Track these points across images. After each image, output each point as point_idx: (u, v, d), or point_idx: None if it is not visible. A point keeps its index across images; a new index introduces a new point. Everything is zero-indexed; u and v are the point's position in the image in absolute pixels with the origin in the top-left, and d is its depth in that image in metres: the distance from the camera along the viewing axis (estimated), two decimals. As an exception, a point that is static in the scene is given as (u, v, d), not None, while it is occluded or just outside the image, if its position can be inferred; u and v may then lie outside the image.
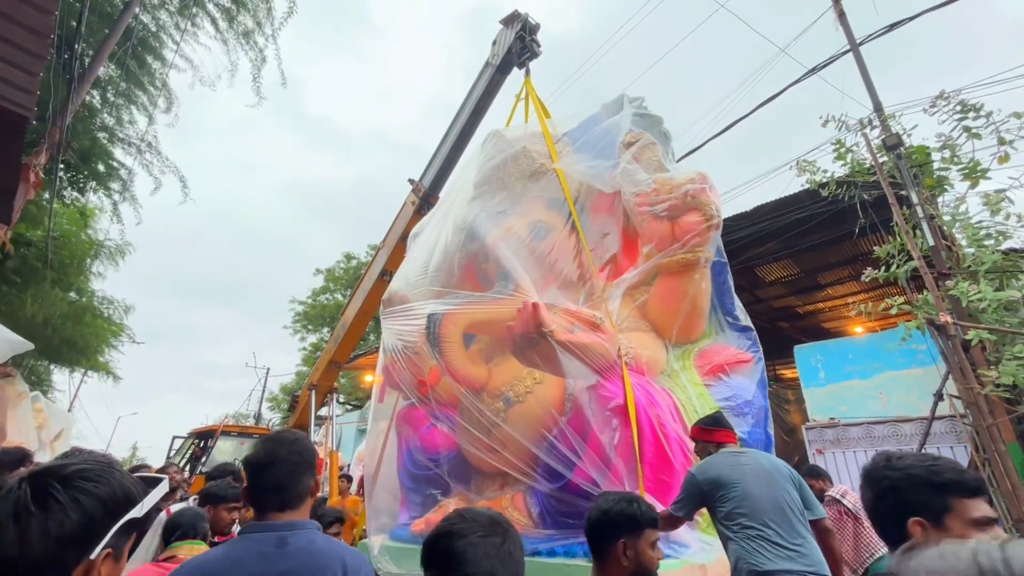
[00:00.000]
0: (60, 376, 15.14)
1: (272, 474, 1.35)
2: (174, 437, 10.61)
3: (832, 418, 7.60)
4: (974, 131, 5.79)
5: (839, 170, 6.76)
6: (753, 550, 2.09)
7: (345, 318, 7.43)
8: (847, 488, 3.94)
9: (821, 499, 3.95)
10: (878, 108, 6.59)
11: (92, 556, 0.72)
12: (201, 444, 9.86)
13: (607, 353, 2.97)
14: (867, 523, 3.75)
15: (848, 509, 3.77)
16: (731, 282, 3.97)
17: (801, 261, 9.25)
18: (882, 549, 3.70)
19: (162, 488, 0.89)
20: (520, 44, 5.55)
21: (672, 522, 2.41)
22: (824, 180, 6.78)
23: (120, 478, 0.80)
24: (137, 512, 0.79)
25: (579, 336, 2.96)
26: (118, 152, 8.81)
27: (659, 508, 2.60)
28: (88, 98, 7.64)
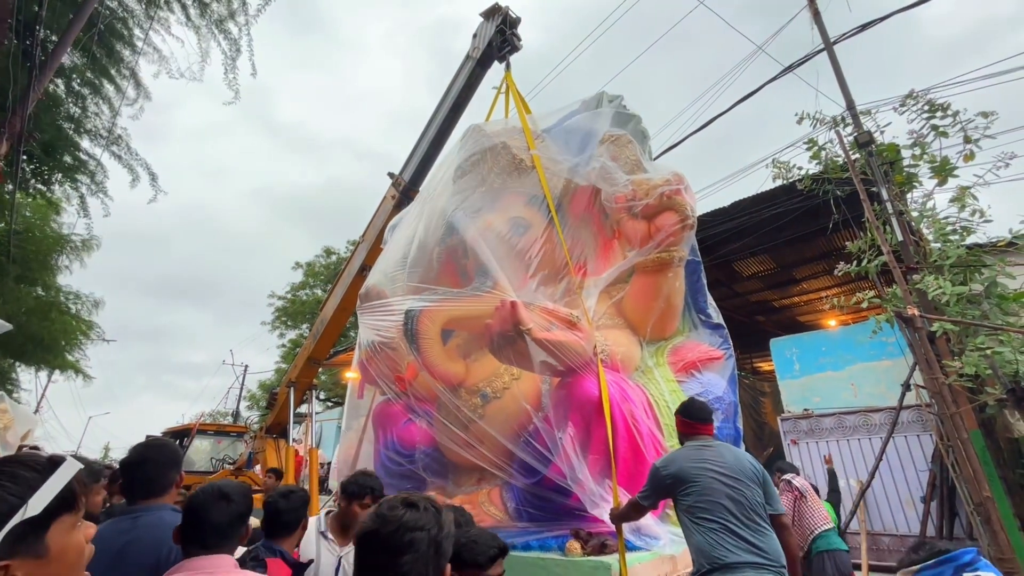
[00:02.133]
0: (26, 375, 14.61)
1: (142, 471, 1.69)
2: (147, 437, 10.36)
3: (806, 409, 7.81)
4: (941, 129, 5.96)
5: (814, 167, 6.91)
6: (715, 543, 2.14)
7: (324, 314, 7.32)
8: (796, 474, 4.27)
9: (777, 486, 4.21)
10: (851, 106, 6.73)
11: None
12: (176, 444, 9.65)
13: (583, 351, 3.00)
14: (811, 501, 3.99)
15: (796, 488, 4.02)
16: (704, 280, 4.04)
17: (777, 256, 9.44)
18: (823, 525, 3.90)
19: (63, 473, 0.81)
20: (500, 38, 5.50)
21: (639, 510, 2.49)
22: (796, 177, 6.93)
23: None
24: (32, 512, 0.75)
25: (556, 334, 2.98)
26: (85, 144, 8.51)
27: (625, 497, 2.64)
28: (52, 87, 7.35)
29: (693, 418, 2.54)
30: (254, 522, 1.65)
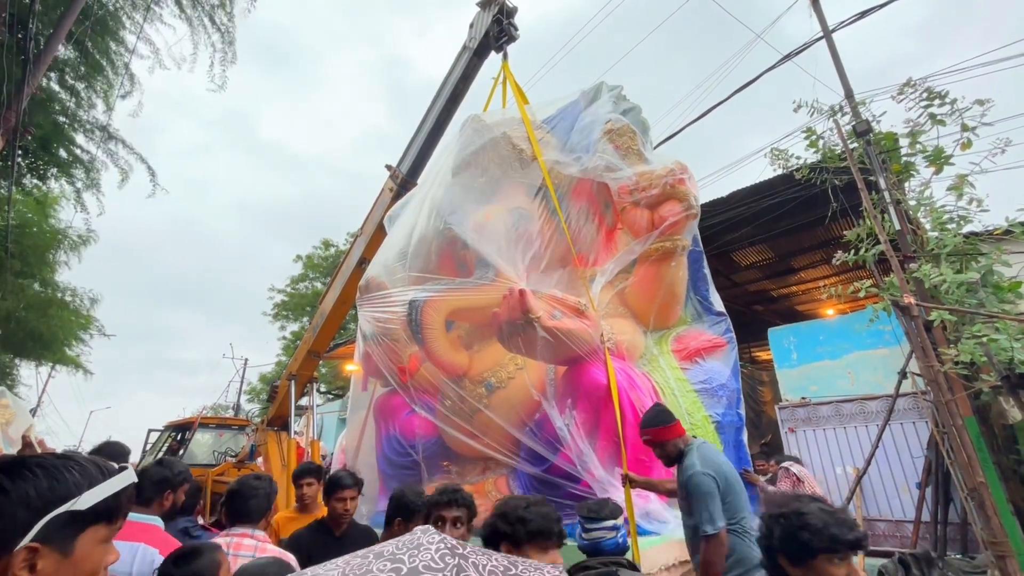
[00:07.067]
0: (27, 371, 14.58)
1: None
2: (149, 430, 10.35)
3: (803, 398, 7.87)
4: (939, 118, 5.96)
5: (812, 156, 6.91)
6: (748, 544, 2.08)
7: (323, 307, 7.32)
8: (793, 461, 4.40)
9: (774, 480, 4.27)
10: (849, 95, 6.72)
11: (16, 549, 0.73)
12: (178, 437, 9.66)
13: (591, 339, 3.02)
14: (808, 488, 4.06)
15: (794, 473, 4.11)
16: (707, 270, 4.06)
17: (775, 246, 9.46)
18: None
19: (120, 480, 0.85)
20: (498, 27, 5.46)
21: (723, 541, 2.09)
22: (795, 167, 6.93)
23: (56, 473, 0.79)
24: (80, 505, 0.78)
25: (564, 322, 3.00)
26: (80, 138, 8.44)
27: (705, 531, 2.13)
28: (46, 81, 7.28)
29: (665, 421, 2.39)
30: None
